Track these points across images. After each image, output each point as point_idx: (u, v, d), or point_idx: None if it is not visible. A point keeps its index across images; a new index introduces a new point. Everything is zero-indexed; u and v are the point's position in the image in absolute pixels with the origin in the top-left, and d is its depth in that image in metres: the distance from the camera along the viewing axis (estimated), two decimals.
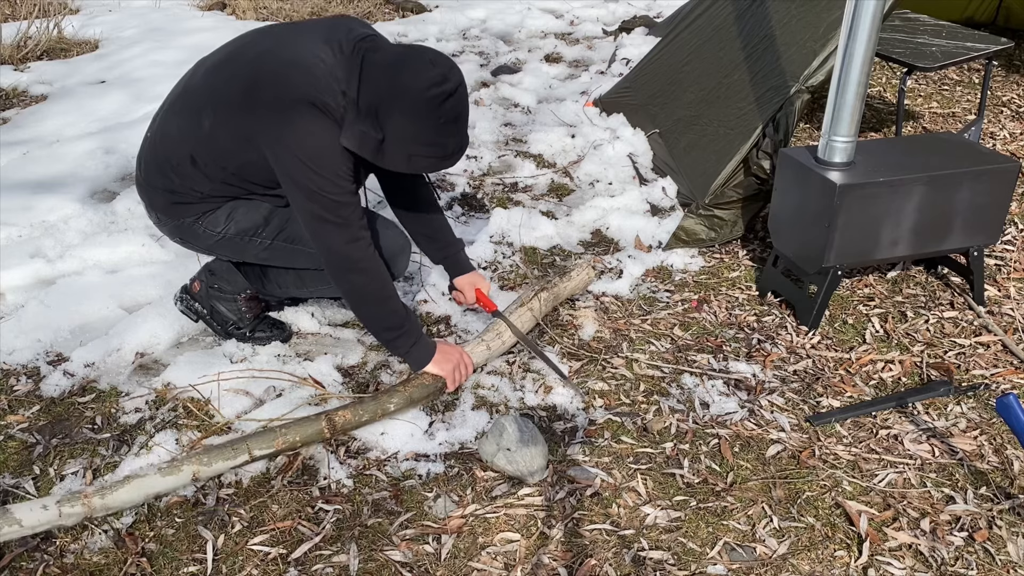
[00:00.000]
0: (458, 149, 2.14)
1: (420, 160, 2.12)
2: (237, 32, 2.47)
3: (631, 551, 1.95)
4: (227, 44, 2.32)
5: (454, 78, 2.03)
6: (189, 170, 2.26)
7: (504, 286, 2.98)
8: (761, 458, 2.24)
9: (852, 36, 2.42)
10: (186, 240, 2.44)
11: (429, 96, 2.00)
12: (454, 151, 2.13)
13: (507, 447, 2.15)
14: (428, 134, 2.06)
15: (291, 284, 2.59)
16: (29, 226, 3.24)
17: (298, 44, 2.14)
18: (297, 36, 2.19)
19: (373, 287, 2.23)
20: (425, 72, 2.01)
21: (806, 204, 2.67)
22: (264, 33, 2.29)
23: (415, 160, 2.12)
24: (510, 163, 3.91)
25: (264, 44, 2.22)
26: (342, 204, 2.11)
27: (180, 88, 2.34)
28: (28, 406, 2.39)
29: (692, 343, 2.71)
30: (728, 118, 3.35)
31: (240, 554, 1.95)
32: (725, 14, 3.76)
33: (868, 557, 1.94)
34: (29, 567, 1.90)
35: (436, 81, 2.00)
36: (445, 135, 2.08)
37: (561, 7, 6.50)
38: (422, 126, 2.05)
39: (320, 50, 2.09)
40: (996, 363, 2.59)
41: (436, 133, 2.06)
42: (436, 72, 2.01)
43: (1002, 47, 3.71)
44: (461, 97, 2.06)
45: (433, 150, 2.10)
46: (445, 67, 2.04)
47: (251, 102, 2.10)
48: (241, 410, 2.35)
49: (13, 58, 5.25)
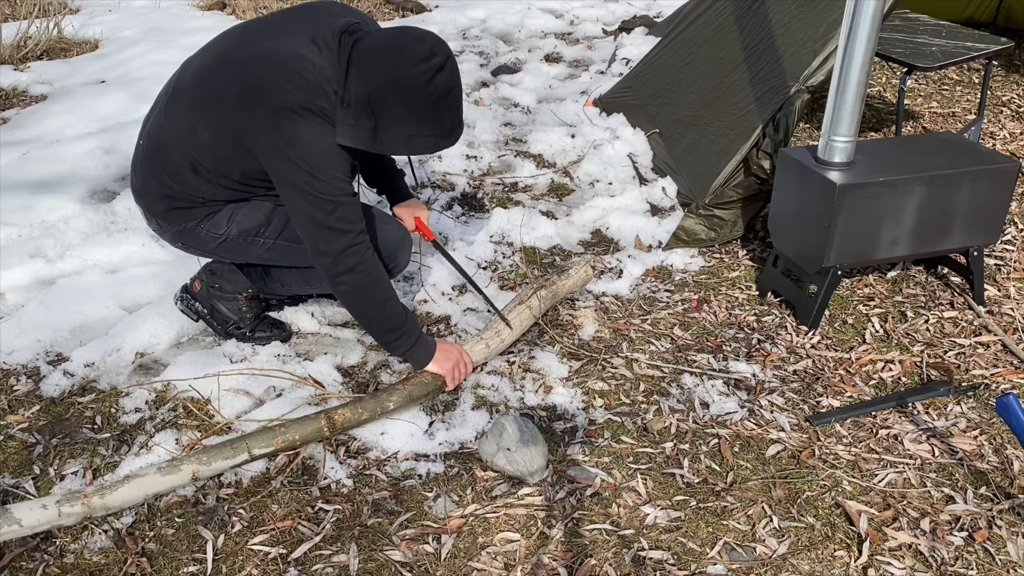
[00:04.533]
0: (456, 125, 2.13)
1: (419, 140, 2.11)
2: None
3: (631, 551, 1.95)
4: (211, 44, 2.28)
5: (441, 52, 2.03)
6: (190, 177, 2.25)
7: (504, 286, 2.98)
8: (761, 458, 2.24)
9: (852, 36, 2.42)
10: (188, 244, 2.43)
11: (418, 72, 1.99)
12: (451, 127, 2.12)
13: (507, 447, 2.15)
14: (423, 112, 2.05)
15: (294, 282, 2.58)
16: (29, 226, 3.24)
17: (286, 45, 2.10)
18: (284, 35, 2.15)
19: (372, 290, 2.23)
20: (412, 49, 2.01)
21: (806, 204, 2.67)
22: (250, 32, 2.25)
23: (414, 141, 2.10)
24: (510, 163, 3.91)
25: (252, 45, 2.17)
26: (341, 204, 2.11)
27: (169, 92, 2.31)
28: (28, 406, 2.39)
29: (692, 343, 2.71)
30: (728, 118, 3.35)
31: (240, 554, 1.95)
32: (725, 14, 3.76)
33: (868, 557, 1.94)
34: (29, 567, 1.90)
35: (424, 57, 2.00)
36: (441, 110, 2.07)
37: (561, 7, 6.50)
38: (416, 104, 2.04)
39: (307, 49, 2.07)
40: (996, 363, 2.59)
41: (431, 110, 2.05)
42: (423, 48, 2.01)
43: (1002, 47, 3.71)
44: (451, 71, 2.05)
45: (431, 128, 2.09)
46: (431, 42, 2.03)
47: (245, 110, 2.08)
48: (241, 410, 2.35)
49: (13, 58, 5.25)
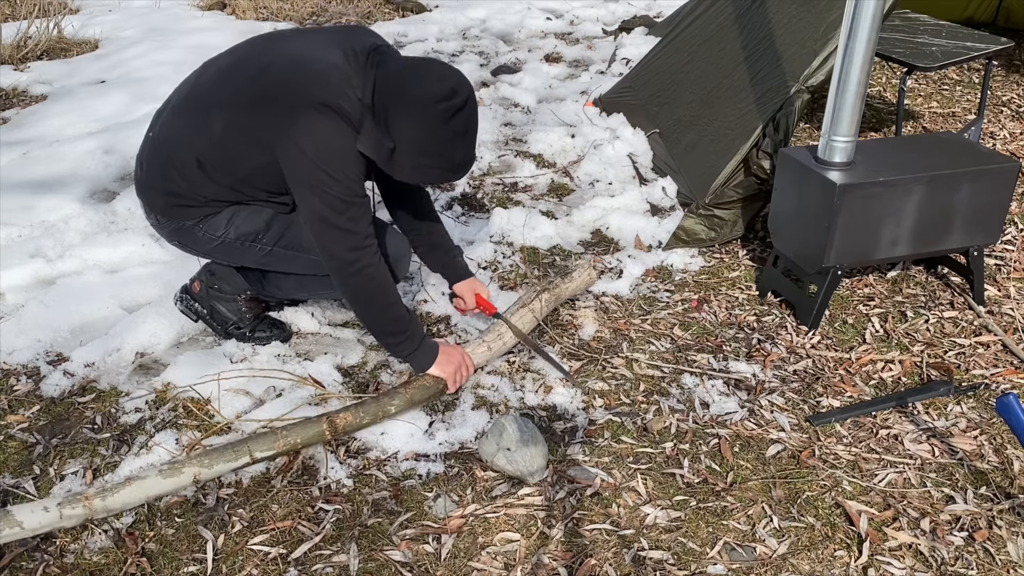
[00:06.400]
0: (466, 161, 2.17)
1: (427, 171, 2.16)
2: (238, 32, 2.47)
3: (631, 551, 1.95)
4: (237, 47, 2.32)
5: (463, 92, 2.07)
6: (195, 174, 2.26)
7: (504, 286, 2.98)
8: (761, 458, 2.24)
9: (852, 36, 2.42)
10: (184, 243, 2.44)
11: (439, 110, 2.03)
12: (461, 163, 2.16)
13: (507, 447, 2.15)
14: (436, 146, 2.10)
15: (292, 288, 2.59)
16: (29, 226, 3.24)
17: (312, 50, 2.15)
18: (311, 42, 2.21)
19: (377, 292, 2.24)
20: (435, 86, 2.04)
21: (806, 204, 2.67)
22: (276, 39, 2.30)
23: (423, 171, 2.15)
24: (510, 163, 3.91)
25: (277, 49, 2.23)
26: (352, 204, 2.12)
27: (186, 89, 2.33)
28: (28, 406, 2.39)
29: (692, 343, 2.71)
30: (728, 118, 3.35)
31: (240, 554, 1.95)
32: (725, 14, 3.76)
33: (868, 557, 1.94)
34: (29, 567, 1.90)
35: (446, 95, 2.03)
36: (453, 148, 2.11)
37: (561, 7, 6.50)
38: (431, 139, 2.08)
39: (334, 56, 2.11)
40: (996, 363, 2.59)
41: (444, 146, 2.10)
42: (446, 86, 2.05)
43: (1002, 47, 3.71)
44: (470, 112, 2.09)
45: (440, 161, 2.13)
46: (454, 81, 2.07)
47: (265, 106, 2.11)
48: (241, 410, 2.35)
49: (13, 58, 5.25)
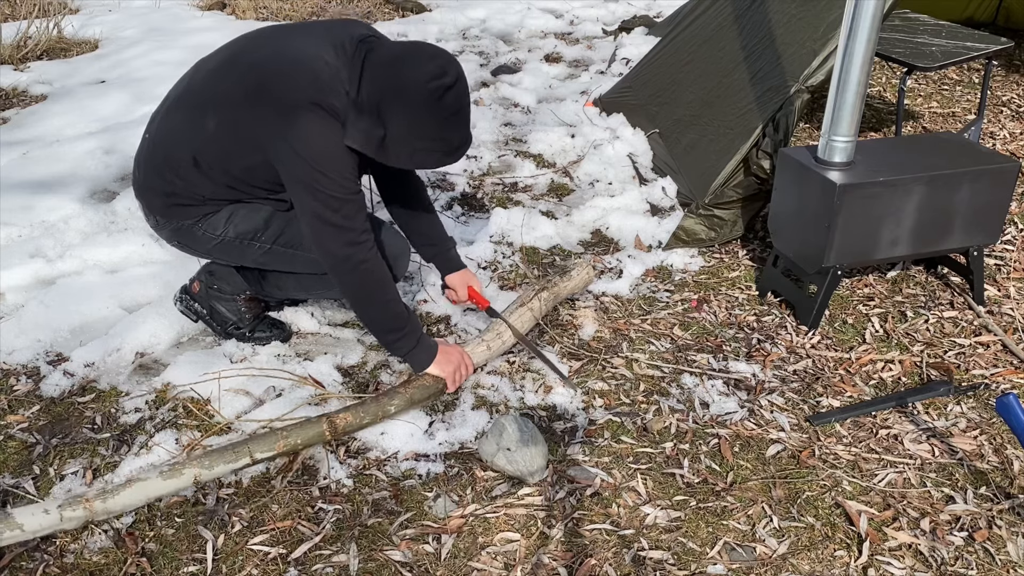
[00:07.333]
0: (462, 143, 2.15)
1: (424, 155, 2.13)
2: (237, 32, 2.47)
3: (631, 551, 1.95)
4: (228, 45, 2.32)
5: (453, 71, 2.04)
6: (191, 172, 2.26)
7: (504, 286, 2.98)
8: (761, 458, 2.24)
9: (852, 36, 2.42)
10: (184, 243, 2.44)
11: (429, 90, 2.01)
12: (458, 146, 2.14)
13: (507, 447, 2.15)
14: (431, 129, 2.07)
15: (291, 287, 2.59)
16: (29, 226, 3.24)
17: (302, 45, 2.14)
18: (300, 37, 2.20)
19: (375, 287, 2.23)
20: (424, 66, 2.02)
21: (806, 204, 2.67)
22: (266, 35, 2.30)
23: (419, 156, 2.13)
24: (510, 163, 3.90)
25: (268, 46, 2.22)
26: (346, 202, 2.11)
27: (180, 88, 2.33)
28: (28, 406, 2.39)
29: (692, 343, 2.71)
30: (728, 118, 3.35)
31: (240, 554, 1.95)
32: (725, 14, 3.76)
33: (868, 557, 1.94)
34: (29, 567, 1.90)
35: (435, 75, 2.01)
36: (448, 129, 2.09)
37: (561, 7, 6.50)
38: (424, 121, 2.06)
39: (324, 51, 2.10)
40: (996, 363, 2.59)
41: (439, 128, 2.08)
42: (435, 65, 2.03)
43: (1002, 47, 3.71)
44: (461, 90, 2.07)
45: (437, 145, 2.11)
46: (444, 60, 2.05)
47: (256, 104, 2.10)
48: (241, 410, 2.35)
49: (13, 58, 5.25)
